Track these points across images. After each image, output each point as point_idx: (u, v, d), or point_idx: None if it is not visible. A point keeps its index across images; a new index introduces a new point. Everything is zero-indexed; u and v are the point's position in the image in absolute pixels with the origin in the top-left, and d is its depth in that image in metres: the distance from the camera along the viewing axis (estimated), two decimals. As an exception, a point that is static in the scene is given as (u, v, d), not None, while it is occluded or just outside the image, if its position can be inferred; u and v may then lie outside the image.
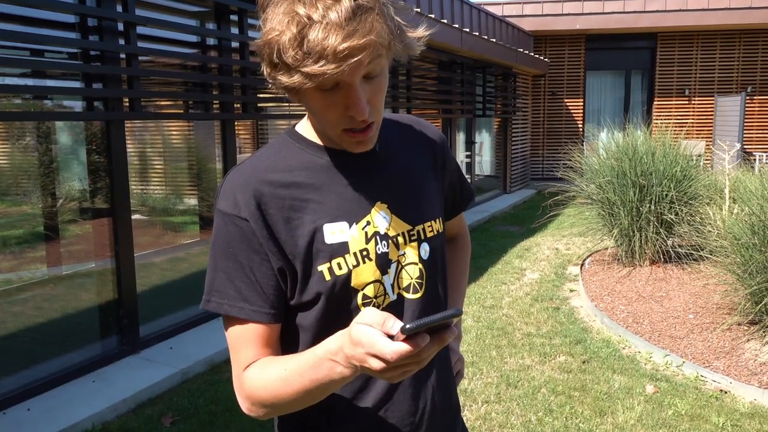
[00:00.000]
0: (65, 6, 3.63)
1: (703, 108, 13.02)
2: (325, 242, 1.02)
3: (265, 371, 0.99)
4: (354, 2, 0.89)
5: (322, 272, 1.02)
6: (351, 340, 0.86)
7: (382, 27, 0.91)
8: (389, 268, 1.07)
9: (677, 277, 5.49)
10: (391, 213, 1.08)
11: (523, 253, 7.13)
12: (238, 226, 1.01)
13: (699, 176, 5.81)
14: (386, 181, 1.10)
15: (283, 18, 0.90)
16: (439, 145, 1.22)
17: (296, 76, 0.91)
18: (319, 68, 0.89)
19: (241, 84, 4.82)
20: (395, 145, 1.14)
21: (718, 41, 12.78)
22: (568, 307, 5.19)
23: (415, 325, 0.80)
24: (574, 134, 13.53)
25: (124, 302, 3.96)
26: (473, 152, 10.51)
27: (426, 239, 1.12)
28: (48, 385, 3.46)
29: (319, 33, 0.87)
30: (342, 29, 0.88)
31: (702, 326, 4.38)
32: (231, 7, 4.63)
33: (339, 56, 0.88)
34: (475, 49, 8.95)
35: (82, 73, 3.79)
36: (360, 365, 0.86)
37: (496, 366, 3.97)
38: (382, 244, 1.06)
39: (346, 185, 1.06)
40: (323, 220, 1.03)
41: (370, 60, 0.92)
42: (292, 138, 1.09)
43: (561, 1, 12.75)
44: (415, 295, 1.10)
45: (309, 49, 0.88)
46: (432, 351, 0.84)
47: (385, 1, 0.94)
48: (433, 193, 1.18)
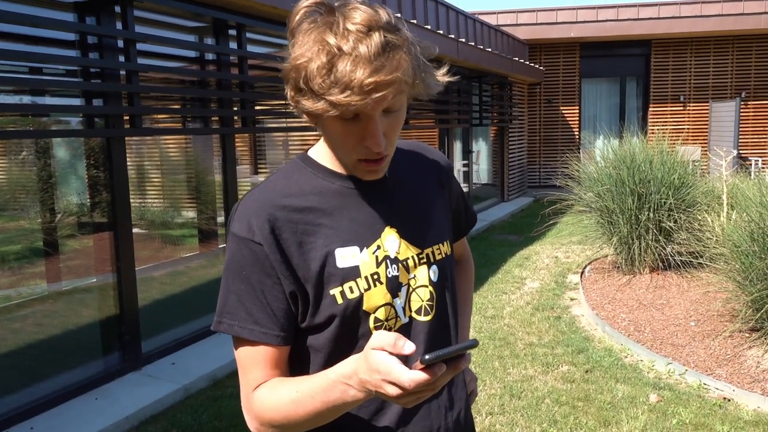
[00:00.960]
0: (66, 25, 3.65)
1: (698, 114, 13.09)
2: (337, 266, 1.05)
3: (275, 392, 1.01)
4: (384, 38, 0.92)
5: (334, 296, 1.04)
6: (368, 366, 0.88)
7: (407, 65, 0.95)
8: (400, 291, 1.09)
9: (677, 284, 5.50)
10: (401, 237, 1.11)
11: (522, 262, 7.14)
12: (251, 249, 1.03)
13: (697, 183, 5.84)
14: (395, 206, 1.12)
15: (313, 46, 0.93)
16: (444, 170, 1.26)
17: (321, 102, 0.94)
18: (345, 98, 0.91)
19: (240, 98, 4.84)
20: (403, 171, 1.17)
21: (712, 47, 12.87)
22: (569, 316, 5.19)
23: (435, 356, 0.83)
24: (570, 141, 13.58)
25: (125, 318, 3.95)
26: (470, 161, 10.54)
27: (435, 262, 1.15)
28: (51, 403, 3.45)
29: (347, 65, 0.91)
30: (370, 63, 0.91)
31: (703, 334, 4.39)
32: (229, 22, 4.65)
33: (365, 89, 0.91)
34: (471, 59, 9.00)
35: (82, 91, 3.81)
36: (375, 390, 0.88)
37: (499, 377, 3.97)
38: (393, 267, 1.08)
39: (357, 210, 1.09)
40: (335, 244, 1.05)
41: (393, 95, 0.95)
42: (305, 163, 1.12)
43: (555, 10, 12.83)
44: (426, 317, 1.12)
45: (336, 78, 0.91)
46: (446, 378, 0.87)
47: (412, 41, 0.98)
48: (440, 216, 1.21)
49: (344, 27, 0.92)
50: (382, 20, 0.95)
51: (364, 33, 0.92)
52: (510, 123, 12.00)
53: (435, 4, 8.63)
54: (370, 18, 0.93)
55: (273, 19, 4.97)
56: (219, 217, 5.17)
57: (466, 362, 0.88)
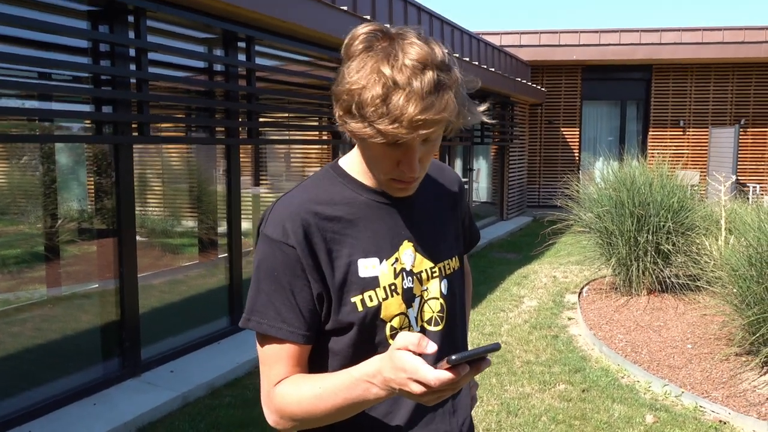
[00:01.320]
0: (79, 32, 3.71)
1: (697, 139, 13.19)
2: (359, 275, 1.11)
3: (298, 388, 1.06)
4: (437, 77, 0.98)
5: (355, 303, 1.10)
6: (393, 366, 0.93)
7: (453, 106, 1.01)
8: (413, 302, 1.16)
9: (674, 306, 5.53)
10: (416, 251, 1.18)
11: (521, 280, 7.17)
12: (284, 252, 1.08)
13: (695, 207, 5.89)
14: (414, 221, 1.19)
15: (370, 74, 0.98)
16: (459, 190, 1.33)
17: (369, 129, 1.00)
18: (393, 129, 0.98)
19: (247, 110, 4.89)
20: (424, 189, 1.24)
21: (712, 74, 13.01)
22: (566, 335, 5.21)
23: (461, 357, 0.89)
24: (570, 162, 13.67)
25: (126, 324, 3.97)
26: (470, 179, 10.60)
27: (446, 276, 1.22)
28: (49, 407, 3.45)
29: (401, 99, 0.96)
30: (422, 100, 0.96)
31: (700, 356, 4.41)
32: (239, 34, 4.72)
33: (413, 124, 0.97)
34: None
35: (92, 97, 3.85)
36: (399, 388, 0.94)
37: (497, 394, 3.98)
38: (408, 279, 1.15)
39: (379, 223, 1.15)
40: (358, 255, 1.12)
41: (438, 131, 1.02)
42: (335, 173, 1.18)
43: (558, 32, 12.97)
44: (437, 327, 1.19)
45: (388, 110, 0.97)
46: (468, 378, 0.93)
47: (461, 82, 1.04)
48: (453, 232, 1.28)
49: (402, 62, 0.97)
50: (437, 59, 0.99)
51: (420, 69, 0.97)
52: (511, 142, 12.09)
53: (440, 23, 8.74)
54: (427, 55, 0.98)
55: (281, 32, 5.05)
56: (220, 227, 5.20)
57: (487, 365, 0.94)
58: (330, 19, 5.28)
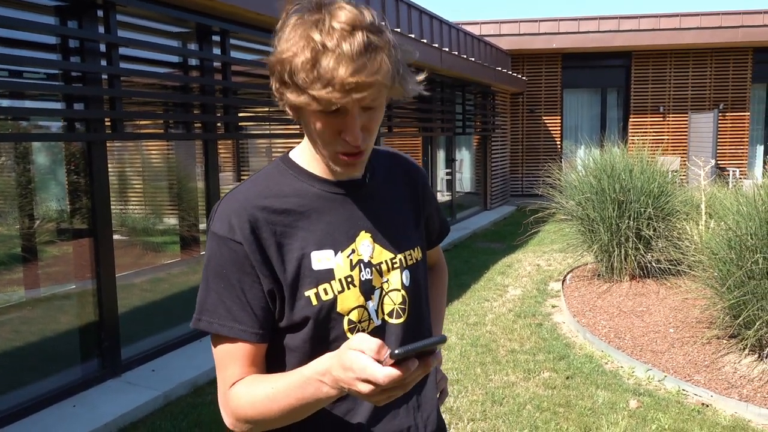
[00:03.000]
0: (47, 28, 3.62)
1: (677, 124, 13.29)
2: (312, 268, 1.07)
3: (252, 389, 1.03)
4: (367, 38, 0.95)
5: (309, 297, 1.07)
6: (341, 365, 0.90)
7: (388, 68, 0.98)
8: (373, 294, 1.12)
9: (656, 291, 5.57)
10: (374, 242, 1.14)
11: (505, 269, 7.18)
12: (231, 249, 1.04)
13: (676, 192, 5.92)
14: (371, 211, 1.15)
15: (299, 41, 0.96)
16: (420, 179, 1.29)
17: (303, 96, 0.97)
18: (326, 94, 0.95)
19: (224, 104, 4.83)
20: (381, 177, 1.20)
21: (691, 59, 13.09)
22: (550, 323, 5.23)
23: (404, 351, 0.85)
24: (552, 151, 13.71)
25: (105, 324, 3.91)
26: (453, 170, 10.59)
27: (408, 267, 1.18)
28: (28, 410, 3.40)
29: (330, 61, 0.94)
30: (353, 62, 0.94)
31: (682, 340, 4.44)
32: (213, 27, 4.65)
33: (346, 87, 0.94)
34: (455, 68, 9.07)
35: (63, 94, 3.77)
36: (348, 388, 0.90)
37: (481, 383, 3.98)
38: (366, 271, 1.11)
39: (334, 214, 1.11)
40: (311, 247, 1.08)
41: (373, 96, 0.98)
42: (286, 165, 1.14)
43: (537, 21, 12.98)
44: (398, 320, 1.15)
45: (319, 74, 0.94)
46: (417, 376, 0.89)
47: (394, 44, 1.01)
48: (414, 223, 1.24)
49: (330, 25, 0.95)
50: (366, 21, 0.97)
51: (348, 31, 0.95)
52: (493, 132, 12.09)
53: (419, 14, 8.69)
54: (355, 18, 0.96)
55: (257, 25, 4.98)
56: (201, 224, 5.14)
57: (437, 359, 0.89)
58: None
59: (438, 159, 10.17)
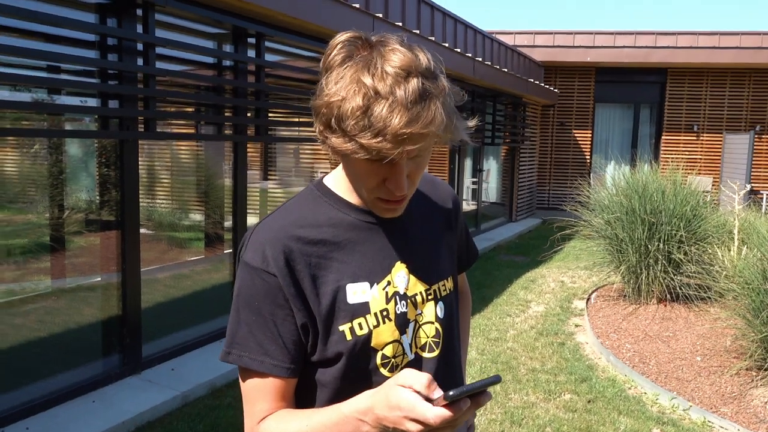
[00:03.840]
0: (87, 25, 3.66)
1: (711, 144, 13.04)
2: (348, 302, 1.03)
3: (284, 425, 0.99)
4: (422, 85, 0.89)
5: (343, 332, 1.03)
6: (387, 403, 0.86)
7: (442, 118, 0.92)
8: (407, 327, 1.08)
9: (684, 317, 5.44)
10: (409, 273, 1.10)
11: (528, 284, 7.09)
12: (265, 280, 1.01)
13: (708, 216, 5.79)
14: (406, 241, 1.11)
15: (349, 84, 0.90)
16: (453, 206, 1.26)
17: (351, 144, 0.92)
18: (376, 143, 0.89)
19: (255, 107, 4.84)
20: (415, 206, 1.16)
21: (728, 79, 12.84)
22: (573, 342, 5.14)
23: (459, 392, 0.82)
24: (581, 165, 13.55)
25: (128, 321, 3.93)
26: (480, 179, 10.52)
27: (441, 298, 1.14)
28: (48, 403, 3.43)
29: (384, 109, 0.88)
30: (407, 110, 0.88)
31: (710, 369, 4.33)
32: (249, 30, 4.66)
33: (398, 138, 0.89)
34: (487, 78, 9.01)
35: (98, 91, 3.81)
36: (393, 427, 0.87)
37: (501, 402, 3.91)
38: (401, 304, 1.08)
39: (369, 245, 1.07)
40: (346, 280, 1.04)
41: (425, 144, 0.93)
42: (320, 192, 1.10)
43: (572, 33, 12.85)
44: (432, 354, 1.11)
45: (371, 122, 0.89)
46: (468, 415, 0.85)
47: (449, 92, 0.95)
48: (447, 252, 1.21)
49: (383, 69, 0.89)
50: (422, 66, 0.92)
51: (403, 78, 0.89)
52: (522, 143, 11.99)
53: (453, 22, 8.65)
54: (410, 62, 0.90)
55: (292, 29, 4.99)
56: (226, 222, 5.15)
57: (488, 398, 0.86)
58: (340, 16, 5.21)
59: (465, 168, 10.11)
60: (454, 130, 0.96)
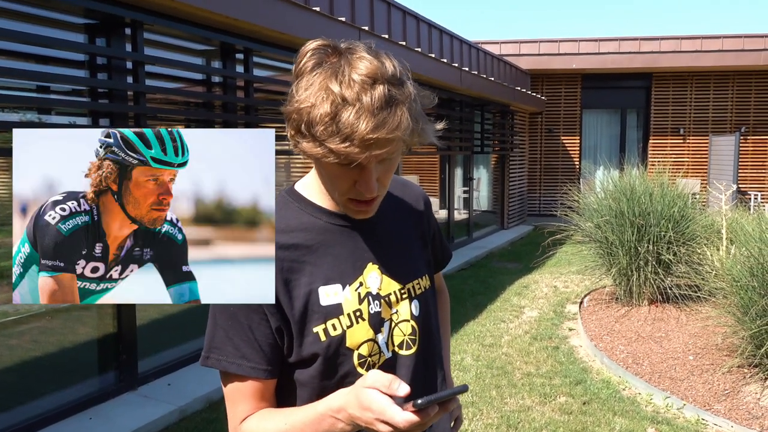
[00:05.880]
0: (76, 45, 3.70)
1: (697, 147, 13.18)
2: (320, 304, 1.07)
3: (264, 423, 1.04)
4: (388, 92, 0.94)
5: (317, 333, 1.07)
6: (359, 404, 0.91)
7: (408, 123, 0.96)
8: (382, 326, 1.12)
9: (676, 317, 5.50)
10: (382, 273, 1.13)
11: (521, 290, 7.14)
12: None
13: (696, 217, 5.86)
14: (377, 242, 1.15)
15: (318, 91, 0.95)
16: (424, 206, 1.30)
17: (320, 148, 0.96)
18: (344, 148, 0.94)
19: (245, 121, 4.88)
20: (386, 207, 1.19)
21: (712, 82, 13.01)
22: (567, 346, 5.18)
23: (426, 401, 0.88)
24: (570, 171, 13.65)
25: (123, 337, 3.94)
26: (471, 188, 10.58)
27: (416, 296, 1.18)
28: (45, 421, 3.42)
29: (351, 116, 0.92)
30: (373, 116, 0.93)
31: (702, 368, 4.37)
32: (237, 46, 4.72)
33: (365, 143, 0.93)
34: (474, 87, 9.10)
35: (89, 110, 3.85)
36: (366, 426, 0.93)
37: (496, 406, 3.94)
38: (375, 303, 1.11)
39: (340, 247, 1.11)
40: (318, 282, 1.08)
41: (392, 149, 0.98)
42: (291, 197, 1.14)
43: (557, 41, 12.99)
44: (409, 351, 1.15)
45: (338, 129, 0.93)
46: (435, 419, 0.92)
47: (414, 97, 0.99)
48: (420, 251, 1.25)
49: (350, 77, 0.93)
50: (388, 73, 0.96)
51: (369, 85, 0.93)
52: (511, 151, 12.08)
53: (439, 33, 8.75)
54: (376, 70, 0.94)
55: (280, 44, 5.04)
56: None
57: (456, 404, 0.94)
58: (327, 31, 5.27)
59: (456, 177, 10.17)
60: (421, 133, 1.01)
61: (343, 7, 6.20)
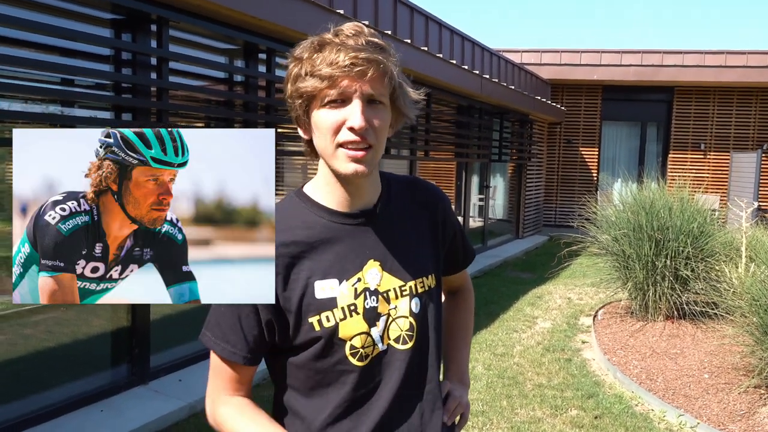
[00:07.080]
0: (102, 40, 3.74)
1: (718, 163, 13.04)
2: (316, 297, 1.13)
3: (236, 419, 1.15)
4: (369, 40, 1.08)
5: (312, 323, 1.13)
6: None
7: (389, 67, 1.08)
8: (378, 321, 1.17)
9: (692, 334, 5.42)
10: (383, 270, 1.18)
11: (535, 300, 7.08)
12: None
13: (716, 233, 5.78)
14: (382, 239, 1.20)
15: (310, 45, 1.09)
16: (440, 207, 1.32)
17: (309, 80, 1.06)
18: (330, 71, 1.04)
19: (266, 121, 4.90)
20: (396, 206, 1.24)
21: (735, 98, 12.87)
22: (580, 359, 5.12)
23: None
24: (588, 182, 13.56)
25: (137, 331, 3.96)
26: (487, 196, 10.54)
27: (417, 294, 1.22)
28: (56, 412, 3.45)
29: (334, 49, 1.05)
30: (354, 51, 1.05)
31: (717, 387, 4.31)
32: (260, 46, 4.73)
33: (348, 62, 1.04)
34: (494, 95, 9.07)
35: (112, 104, 3.88)
36: None
37: (507, 417, 3.91)
38: (371, 299, 1.17)
39: (342, 244, 1.16)
40: (316, 277, 1.14)
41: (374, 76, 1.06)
42: (299, 198, 1.21)
43: (579, 52, 12.93)
44: (405, 345, 1.20)
45: (324, 57, 1.05)
46: None
47: (397, 62, 1.12)
48: (428, 251, 1.28)
49: (336, 30, 1.09)
50: (370, 32, 1.10)
51: (352, 35, 1.07)
52: (528, 160, 12.03)
53: (461, 40, 8.74)
54: (360, 28, 1.09)
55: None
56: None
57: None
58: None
59: (472, 184, 10.14)
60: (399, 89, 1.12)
61: (366, 10, 6.21)
